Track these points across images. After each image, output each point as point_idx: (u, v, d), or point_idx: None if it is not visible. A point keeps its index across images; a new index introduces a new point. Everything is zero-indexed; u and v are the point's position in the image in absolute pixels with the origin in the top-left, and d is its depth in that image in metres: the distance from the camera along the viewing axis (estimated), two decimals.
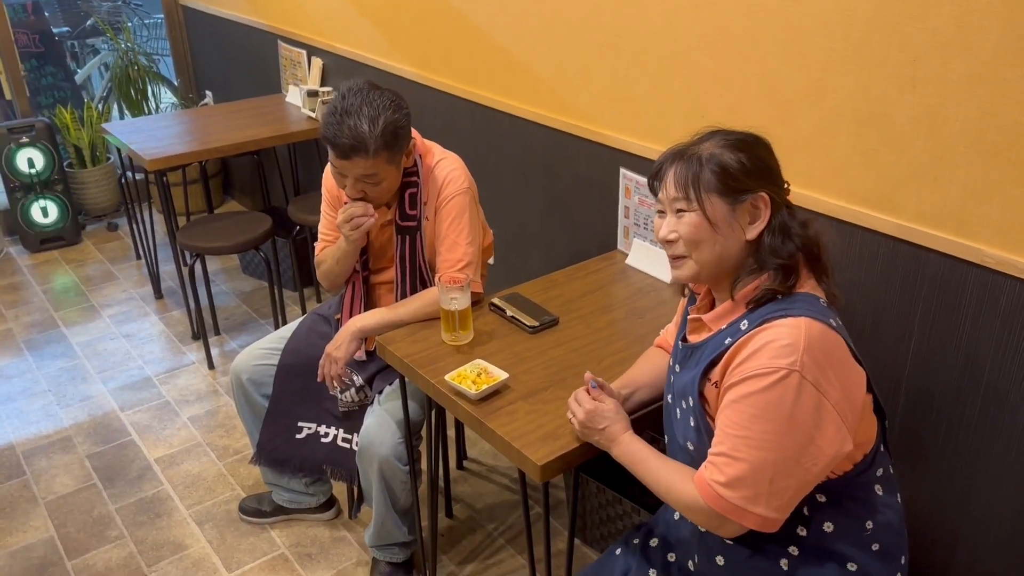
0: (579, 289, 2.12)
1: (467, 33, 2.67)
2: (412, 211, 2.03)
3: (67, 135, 4.43)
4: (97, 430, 2.91)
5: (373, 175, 1.89)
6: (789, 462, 1.21)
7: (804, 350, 1.19)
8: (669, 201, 1.33)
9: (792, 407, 1.19)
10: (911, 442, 1.76)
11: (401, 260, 2.08)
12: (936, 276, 1.62)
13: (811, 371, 1.19)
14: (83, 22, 5.42)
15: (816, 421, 1.21)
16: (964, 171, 1.52)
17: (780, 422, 1.20)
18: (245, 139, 3.32)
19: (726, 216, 1.29)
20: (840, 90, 1.68)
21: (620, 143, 2.25)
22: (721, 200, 1.28)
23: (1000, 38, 1.41)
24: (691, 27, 1.96)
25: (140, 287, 3.92)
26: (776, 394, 1.20)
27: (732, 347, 1.27)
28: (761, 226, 1.29)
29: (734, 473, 1.23)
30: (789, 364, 1.19)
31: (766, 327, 1.24)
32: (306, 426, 2.21)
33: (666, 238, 1.34)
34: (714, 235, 1.29)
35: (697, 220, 1.29)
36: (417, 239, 2.05)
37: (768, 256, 1.29)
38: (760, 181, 1.29)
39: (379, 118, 1.83)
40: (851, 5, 1.61)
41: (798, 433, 1.20)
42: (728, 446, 1.24)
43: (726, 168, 1.27)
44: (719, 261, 1.31)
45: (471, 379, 1.68)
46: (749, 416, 1.21)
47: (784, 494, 1.23)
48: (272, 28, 3.87)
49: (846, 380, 1.24)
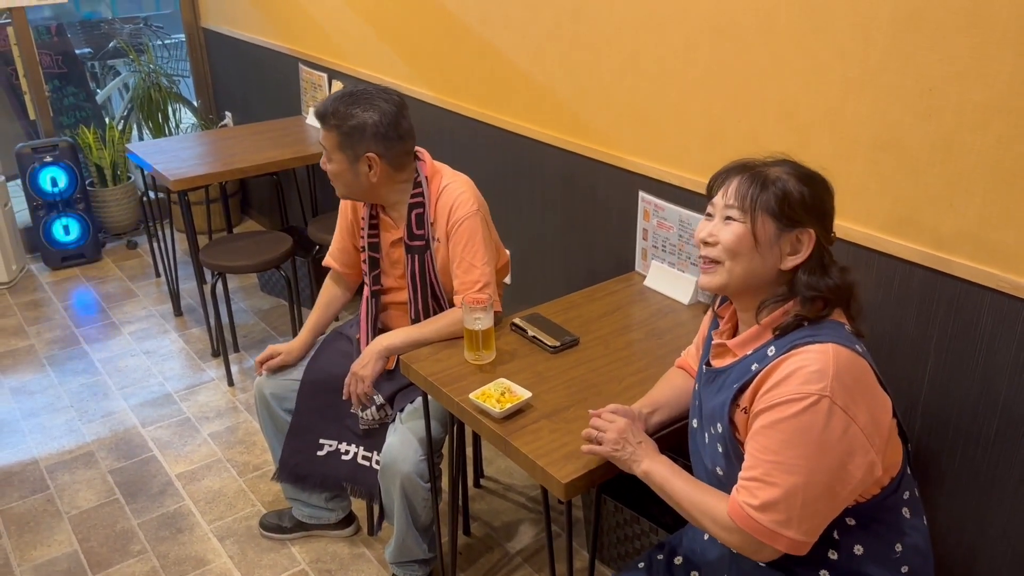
0: (598, 310, 2.16)
1: (488, 57, 2.73)
2: (419, 231, 2.09)
3: (89, 154, 4.51)
4: (119, 446, 2.95)
5: (325, 148, 2.05)
6: (820, 486, 1.23)
7: (833, 376, 1.22)
8: (723, 207, 1.36)
9: (822, 432, 1.22)
10: (929, 463, 1.78)
11: (412, 278, 2.13)
12: (952, 300, 1.65)
13: (840, 396, 1.22)
14: (105, 43, 5.52)
15: (846, 446, 1.23)
16: (980, 197, 1.56)
17: (811, 447, 1.22)
18: (266, 160, 3.38)
19: (771, 239, 1.32)
20: (857, 116, 1.72)
21: (639, 167, 2.29)
22: (773, 222, 1.32)
23: (1015, 68, 1.45)
24: (711, 52, 2.00)
25: (160, 304, 3.97)
26: (807, 420, 1.22)
27: (760, 373, 1.29)
28: (799, 260, 1.33)
29: (767, 497, 1.25)
30: (819, 390, 1.21)
31: (794, 353, 1.27)
32: (327, 443, 2.25)
33: (706, 239, 1.37)
34: (753, 251, 1.32)
35: (743, 232, 1.32)
36: (427, 258, 2.10)
37: (803, 288, 1.32)
38: (813, 218, 1.32)
39: (346, 110, 2.00)
40: (869, 34, 1.65)
41: (829, 458, 1.23)
42: (760, 471, 1.26)
43: (788, 195, 1.31)
44: (748, 278, 1.34)
45: (495, 398, 1.71)
46: (780, 441, 1.24)
47: (815, 518, 1.26)
48: (293, 51, 3.95)
49: (873, 405, 1.27)
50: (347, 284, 2.39)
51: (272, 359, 2.26)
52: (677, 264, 2.24)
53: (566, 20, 2.38)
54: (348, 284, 2.39)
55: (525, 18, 2.52)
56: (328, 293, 2.38)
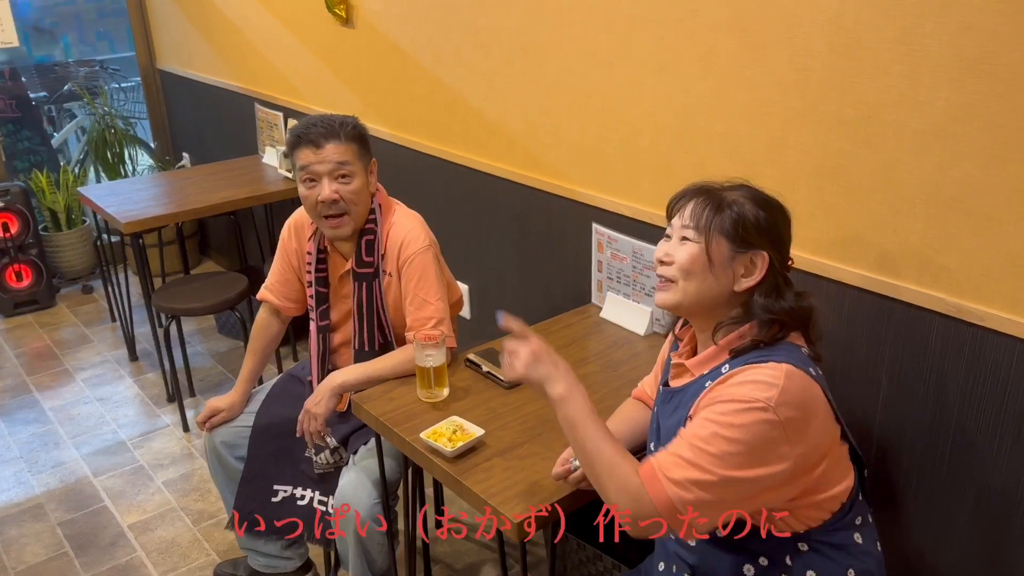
0: (554, 343, 2.12)
1: (440, 94, 2.73)
2: (368, 258, 2.06)
3: (43, 199, 4.44)
4: (69, 497, 2.86)
5: (346, 164, 1.98)
6: (733, 484, 1.22)
7: (781, 391, 1.22)
8: (679, 227, 1.37)
9: (755, 438, 1.21)
10: (884, 490, 1.77)
11: (358, 307, 2.09)
12: (901, 324, 1.66)
13: (784, 412, 1.21)
14: (60, 87, 5.47)
15: (773, 460, 1.22)
16: (922, 222, 1.57)
17: (740, 446, 1.21)
18: (221, 200, 3.34)
19: (725, 260, 1.33)
20: (799, 146, 1.74)
21: (592, 199, 2.29)
22: (727, 244, 1.33)
23: (949, 95, 1.48)
24: (655, 88, 2.02)
25: (115, 350, 3.89)
26: (745, 419, 1.21)
27: (711, 386, 1.30)
28: (752, 282, 1.33)
29: (684, 476, 1.22)
30: (764, 399, 1.21)
31: (746, 368, 1.27)
32: (282, 489, 2.19)
33: (661, 259, 1.38)
34: (707, 271, 1.33)
35: (697, 252, 1.33)
36: (375, 286, 2.07)
37: (759, 311, 1.32)
38: (767, 241, 1.33)
39: (345, 120, 2.02)
40: (806, 65, 1.67)
41: (753, 464, 1.22)
42: (685, 450, 1.24)
43: (743, 218, 1.32)
44: (702, 298, 1.35)
45: (447, 436, 1.68)
46: (712, 432, 1.23)
47: (716, 512, 1.24)
48: (249, 91, 3.93)
49: (816, 432, 1.26)
50: (283, 320, 2.33)
51: (214, 416, 2.21)
52: (632, 295, 2.23)
53: (516, 58, 2.39)
54: (284, 319, 2.33)
55: (476, 56, 2.54)
56: (263, 336, 2.31)
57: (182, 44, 4.49)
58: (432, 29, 2.68)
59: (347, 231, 2.03)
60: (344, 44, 3.15)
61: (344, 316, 2.17)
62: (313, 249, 2.14)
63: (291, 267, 2.26)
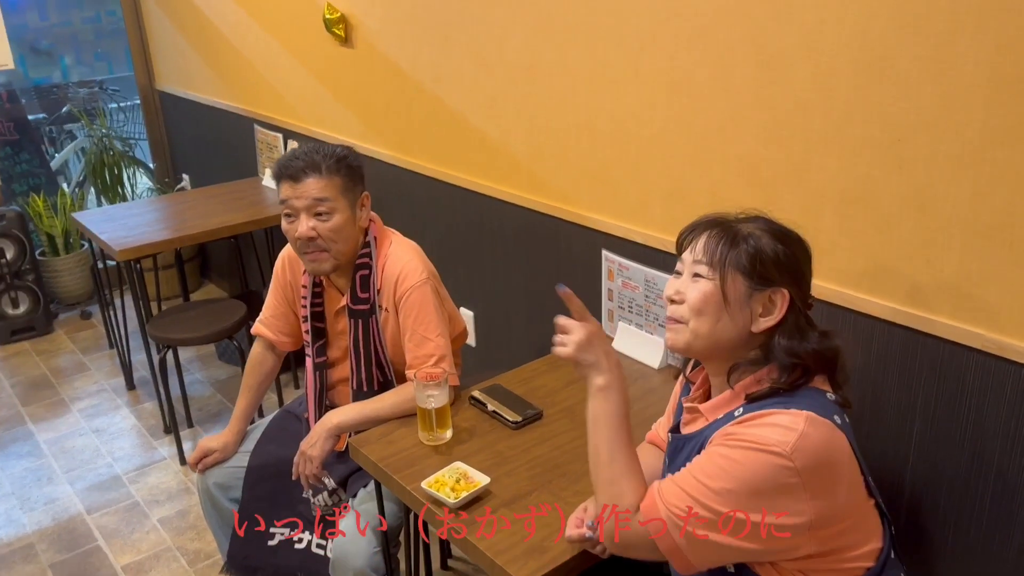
0: (563, 378, 2.03)
1: (442, 115, 2.64)
2: (364, 294, 1.96)
3: (40, 223, 4.36)
4: (61, 536, 2.76)
5: (325, 200, 1.86)
6: (732, 528, 1.14)
7: (801, 435, 1.12)
8: (691, 263, 1.28)
9: (761, 482, 1.11)
10: (917, 544, 1.65)
11: (355, 345, 1.99)
12: (936, 361, 1.54)
13: (800, 460, 1.11)
14: (59, 108, 5.41)
15: (782, 510, 1.12)
16: (958, 253, 1.46)
17: (742, 486, 1.12)
18: (220, 225, 3.26)
19: (741, 298, 1.23)
20: (823, 170, 1.63)
21: (600, 224, 2.19)
22: (744, 280, 1.23)
23: (986, 117, 1.37)
24: (666, 109, 1.91)
25: (112, 378, 3.79)
26: (753, 461, 1.12)
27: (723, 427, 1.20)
28: (771, 322, 1.24)
29: (682, 506, 1.16)
30: (779, 442, 1.12)
31: (764, 413, 1.17)
32: (278, 532, 2.08)
33: (671, 297, 1.29)
34: (721, 311, 1.23)
35: (711, 290, 1.24)
36: (371, 324, 1.97)
37: (781, 353, 1.22)
38: (787, 278, 1.24)
39: (332, 152, 1.90)
40: (830, 84, 1.57)
41: (756, 508, 1.12)
42: (686, 483, 1.17)
43: (761, 252, 1.23)
44: (715, 339, 1.25)
45: (449, 486, 1.57)
46: (718, 467, 1.14)
47: (710, 551, 1.17)
48: (248, 112, 3.85)
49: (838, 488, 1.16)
50: (278, 354, 2.23)
51: (207, 456, 2.11)
52: (645, 326, 2.13)
53: (520, 78, 2.29)
54: (280, 354, 2.23)
55: (479, 75, 2.44)
56: (257, 373, 2.20)
57: (181, 65, 4.42)
58: (432, 49, 2.59)
59: (327, 267, 1.93)
60: (343, 64, 3.07)
61: (342, 352, 2.07)
62: (308, 283, 2.04)
63: (286, 300, 2.16)
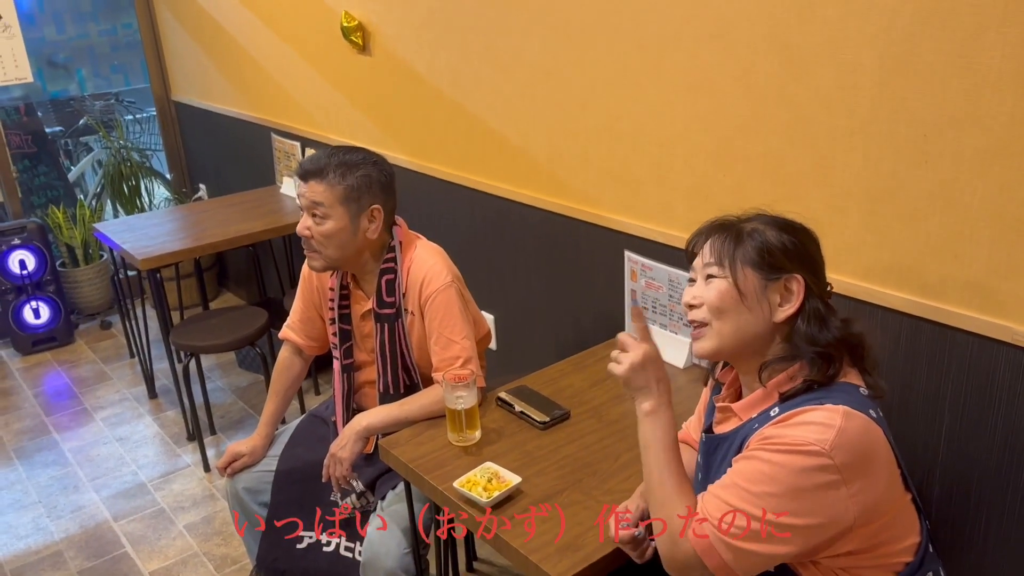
0: (588, 379, 2.04)
1: (461, 120, 2.66)
2: (389, 298, 1.98)
3: (59, 234, 4.40)
4: (89, 543, 2.78)
5: (320, 205, 1.89)
6: (780, 533, 1.14)
7: (837, 434, 1.13)
8: (702, 267, 1.30)
9: (803, 481, 1.12)
10: (952, 536, 1.65)
11: (381, 348, 2.00)
12: (964, 356, 1.55)
13: (840, 457, 1.12)
14: (76, 121, 5.45)
15: (828, 510, 1.14)
16: (986, 247, 1.46)
17: (785, 489, 1.13)
18: (239, 233, 3.28)
19: (756, 290, 1.24)
20: (848, 167, 1.64)
21: (622, 225, 2.20)
22: (755, 273, 1.25)
23: (1013, 111, 1.37)
24: (689, 108, 1.93)
25: (134, 387, 3.82)
26: (793, 462, 1.13)
27: (761, 429, 1.21)
28: (791, 309, 1.24)
29: (728, 520, 1.16)
30: (818, 441, 1.12)
31: (800, 411, 1.18)
32: (307, 535, 2.09)
33: (690, 303, 1.30)
34: (739, 306, 1.25)
35: (726, 288, 1.25)
36: (397, 327, 1.98)
37: (804, 344, 1.23)
38: (798, 265, 1.25)
39: (348, 161, 1.92)
40: (855, 82, 1.58)
41: (802, 512, 1.13)
42: (728, 492, 1.18)
43: (767, 244, 1.25)
44: (741, 335, 1.26)
45: (482, 485, 1.58)
46: (759, 472, 1.15)
47: (759, 560, 1.17)
48: (265, 121, 3.88)
49: (878, 480, 1.17)
50: (305, 359, 2.24)
51: (235, 461, 2.12)
52: (669, 325, 2.13)
53: (539, 81, 2.31)
54: (307, 358, 2.25)
55: (497, 79, 2.46)
56: (285, 377, 2.22)
57: (197, 75, 4.45)
58: (450, 54, 2.61)
59: (317, 266, 1.98)
60: (361, 71, 3.09)
61: (368, 355, 2.08)
62: (336, 285, 2.06)
63: (312, 304, 2.17)
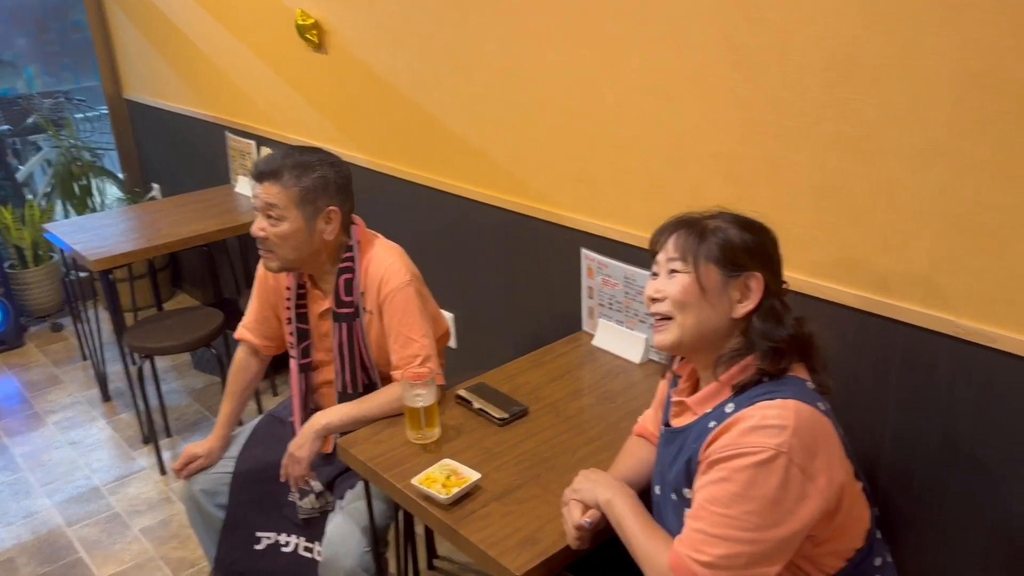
0: (547, 374, 2.06)
1: (420, 120, 2.66)
2: (348, 297, 1.98)
3: (7, 235, 4.30)
4: (42, 549, 2.73)
5: (274, 207, 1.89)
6: (767, 545, 1.17)
7: (792, 432, 1.16)
8: (666, 261, 1.33)
9: (777, 490, 1.15)
10: (896, 523, 1.70)
11: (339, 348, 2.01)
12: (908, 348, 1.60)
13: (799, 455, 1.15)
14: (24, 119, 5.33)
15: (799, 508, 1.17)
16: (928, 242, 1.52)
17: (763, 503, 1.15)
18: (193, 233, 3.24)
19: (718, 286, 1.29)
20: (796, 166, 1.68)
21: (580, 224, 2.23)
22: (717, 270, 1.29)
23: (953, 111, 1.43)
24: (644, 109, 1.96)
25: (87, 390, 3.75)
26: (761, 475, 1.15)
27: (716, 430, 1.23)
28: (750, 306, 1.28)
29: (715, 553, 1.17)
30: (776, 445, 1.15)
31: (753, 408, 1.21)
32: (265, 536, 2.08)
33: (652, 296, 1.34)
34: (701, 301, 1.28)
35: (688, 282, 1.29)
36: (356, 327, 1.99)
37: (759, 339, 1.27)
38: (758, 263, 1.30)
39: (303, 162, 1.91)
40: (801, 82, 1.62)
41: (779, 518, 1.16)
42: (707, 523, 1.19)
43: (730, 241, 1.29)
44: (701, 329, 1.30)
45: (440, 482, 1.59)
46: (731, 494, 1.17)
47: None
48: (219, 119, 3.84)
49: (833, 467, 1.20)
50: (262, 359, 2.23)
51: (191, 463, 2.11)
52: (625, 322, 2.17)
53: (497, 81, 2.33)
54: (263, 359, 2.23)
55: (456, 80, 2.47)
56: (241, 378, 2.21)
57: (149, 73, 4.38)
58: (408, 54, 2.61)
59: (273, 266, 1.98)
60: (317, 70, 3.07)
61: (326, 355, 2.08)
62: (292, 284, 2.05)
63: (269, 304, 2.17)
